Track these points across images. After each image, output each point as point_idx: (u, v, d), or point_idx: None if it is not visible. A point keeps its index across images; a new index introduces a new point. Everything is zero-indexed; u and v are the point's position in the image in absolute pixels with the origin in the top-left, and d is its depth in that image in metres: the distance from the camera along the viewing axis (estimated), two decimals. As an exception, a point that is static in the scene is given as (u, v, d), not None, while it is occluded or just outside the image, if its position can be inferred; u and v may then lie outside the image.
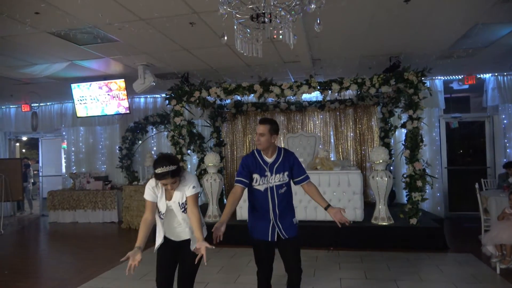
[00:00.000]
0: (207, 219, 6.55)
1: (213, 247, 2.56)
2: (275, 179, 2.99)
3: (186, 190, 2.72)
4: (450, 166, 8.30)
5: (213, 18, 4.43)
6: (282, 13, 2.88)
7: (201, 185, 7.09)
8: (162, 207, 2.78)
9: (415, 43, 5.71)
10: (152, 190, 2.74)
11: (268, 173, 2.99)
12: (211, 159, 6.61)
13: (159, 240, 2.84)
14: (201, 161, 8.29)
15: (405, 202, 6.56)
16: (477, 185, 5.82)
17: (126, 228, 7.93)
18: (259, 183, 2.99)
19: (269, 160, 3.02)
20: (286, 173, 3.02)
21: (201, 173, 8.09)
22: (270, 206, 2.98)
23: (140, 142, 9.38)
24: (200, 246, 2.53)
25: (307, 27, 4.79)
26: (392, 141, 8.02)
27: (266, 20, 2.86)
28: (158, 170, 2.58)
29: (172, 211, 2.79)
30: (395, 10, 4.46)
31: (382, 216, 5.85)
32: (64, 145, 10.08)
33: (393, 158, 7.74)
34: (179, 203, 2.75)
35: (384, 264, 4.90)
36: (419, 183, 5.77)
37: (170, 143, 6.78)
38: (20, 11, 4.14)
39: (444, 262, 4.98)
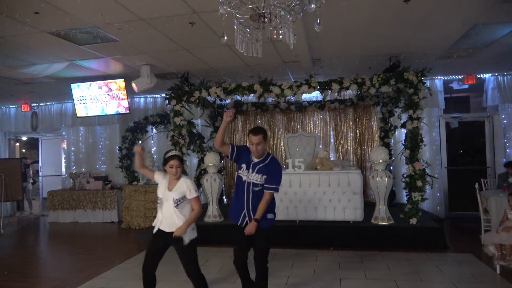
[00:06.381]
0: (207, 219, 6.55)
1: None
2: (253, 177, 3.30)
3: (187, 193, 3.21)
4: (450, 166, 8.29)
5: (213, 18, 4.43)
6: (282, 13, 2.88)
7: (201, 185, 7.10)
8: (160, 193, 3.27)
9: (415, 43, 5.71)
10: (162, 174, 3.34)
11: (250, 169, 3.32)
12: (211, 159, 6.61)
13: (156, 227, 3.27)
14: (201, 161, 8.29)
15: (405, 202, 6.56)
16: (477, 185, 5.83)
17: (126, 228, 7.92)
18: (244, 174, 3.35)
19: (255, 160, 3.35)
20: (264, 177, 3.29)
21: (201, 173, 8.10)
22: (245, 198, 3.33)
23: (140, 142, 9.38)
24: (176, 233, 3.12)
25: (307, 27, 4.78)
26: (392, 141, 8.02)
27: (266, 20, 2.86)
28: (171, 153, 3.26)
29: (167, 201, 3.22)
30: (395, 10, 4.46)
31: (382, 216, 5.85)
32: (64, 145, 10.08)
33: (393, 158, 7.74)
34: (173, 198, 3.19)
35: (384, 264, 4.90)
36: (419, 183, 5.77)
37: (170, 143, 6.77)
38: (20, 11, 4.14)
39: (444, 262, 4.98)
